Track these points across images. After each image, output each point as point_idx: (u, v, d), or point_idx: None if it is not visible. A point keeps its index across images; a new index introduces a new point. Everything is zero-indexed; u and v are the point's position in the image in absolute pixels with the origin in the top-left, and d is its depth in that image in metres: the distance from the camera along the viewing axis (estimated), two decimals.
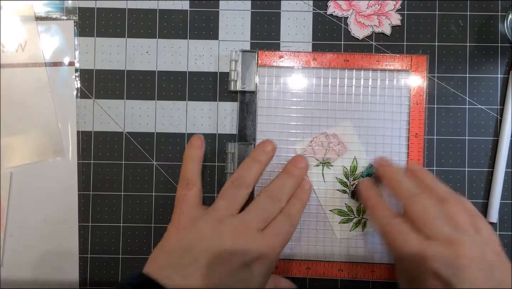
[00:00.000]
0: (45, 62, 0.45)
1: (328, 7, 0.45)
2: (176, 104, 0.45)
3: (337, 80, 0.44)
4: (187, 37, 0.45)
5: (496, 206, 0.43)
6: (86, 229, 0.44)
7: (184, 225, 0.36)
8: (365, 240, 0.44)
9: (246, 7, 0.45)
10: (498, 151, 0.44)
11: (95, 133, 0.45)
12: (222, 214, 0.36)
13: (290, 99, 0.44)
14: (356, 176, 0.44)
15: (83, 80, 0.45)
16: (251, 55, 0.44)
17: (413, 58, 0.44)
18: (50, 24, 0.45)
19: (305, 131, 0.44)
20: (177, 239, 0.35)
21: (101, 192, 0.45)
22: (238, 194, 0.37)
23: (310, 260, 0.44)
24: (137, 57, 0.45)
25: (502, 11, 0.45)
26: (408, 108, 0.44)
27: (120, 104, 0.45)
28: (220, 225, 0.35)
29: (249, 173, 0.38)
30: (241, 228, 0.35)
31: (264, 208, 0.37)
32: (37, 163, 0.45)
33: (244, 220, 0.36)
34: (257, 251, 0.34)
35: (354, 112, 0.44)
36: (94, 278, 0.44)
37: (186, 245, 0.34)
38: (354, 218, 0.44)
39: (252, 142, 0.44)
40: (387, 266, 0.43)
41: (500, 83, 0.44)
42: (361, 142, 0.44)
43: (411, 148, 0.44)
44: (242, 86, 0.44)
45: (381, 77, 0.44)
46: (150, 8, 0.45)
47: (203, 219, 0.36)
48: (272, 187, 0.38)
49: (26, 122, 0.45)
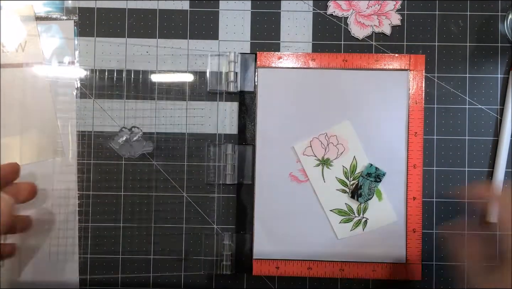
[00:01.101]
0: (45, 62, 0.45)
1: (328, 7, 0.45)
2: (176, 104, 0.45)
3: (336, 80, 0.44)
4: (187, 37, 0.45)
5: (496, 206, 0.43)
6: (86, 229, 0.44)
7: None
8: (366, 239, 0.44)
9: (246, 7, 0.45)
10: (498, 151, 0.44)
11: (95, 133, 0.45)
12: None
13: (289, 100, 0.44)
14: (356, 175, 0.44)
15: (83, 80, 0.45)
16: (250, 56, 0.44)
17: (412, 58, 0.44)
18: (50, 24, 0.45)
19: (305, 131, 0.44)
20: None
21: (101, 192, 0.45)
22: None
23: (311, 260, 0.44)
24: (137, 57, 0.45)
25: (502, 11, 0.45)
26: (407, 108, 0.44)
27: (120, 104, 0.45)
28: None
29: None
30: None
31: None
32: (37, 163, 0.45)
33: None
34: None
35: (353, 112, 0.44)
36: (94, 278, 0.44)
37: None
38: (355, 217, 0.44)
39: (252, 143, 0.44)
40: (387, 265, 0.43)
41: (500, 83, 0.44)
42: (360, 142, 0.44)
43: (411, 147, 0.44)
44: (240, 87, 0.44)
45: (380, 76, 0.44)
46: (150, 8, 0.45)
47: None
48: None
49: (26, 122, 0.45)
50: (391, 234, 0.44)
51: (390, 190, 0.44)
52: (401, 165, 0.44)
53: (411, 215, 0.43)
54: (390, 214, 0.44)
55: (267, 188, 0.44)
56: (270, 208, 0.44)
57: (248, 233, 0.44)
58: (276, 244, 0.44)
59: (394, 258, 0.43)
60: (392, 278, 0.43)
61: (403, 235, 0.43)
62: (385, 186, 0.44)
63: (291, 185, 0.44)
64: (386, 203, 0.44)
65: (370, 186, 0.43)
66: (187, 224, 0.44)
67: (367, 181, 0.43)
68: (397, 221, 0.44)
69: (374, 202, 0.44)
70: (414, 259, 0.43)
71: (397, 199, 0.44)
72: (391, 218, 0.44)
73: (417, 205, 0.43)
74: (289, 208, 0.44)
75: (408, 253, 0.43)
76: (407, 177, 0.44)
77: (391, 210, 0.44)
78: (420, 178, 0.43)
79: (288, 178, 0.44)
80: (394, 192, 0.44)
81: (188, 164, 0.44)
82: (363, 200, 0.44)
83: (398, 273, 0.43)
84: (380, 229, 0.44)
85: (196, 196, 0.44)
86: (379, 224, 0.44)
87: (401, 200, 0.44)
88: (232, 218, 0.44)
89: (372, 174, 0.43)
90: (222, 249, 0.44)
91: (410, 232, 0.43)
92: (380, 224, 0.44)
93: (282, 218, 0.44)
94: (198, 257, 0.44)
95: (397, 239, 0.44)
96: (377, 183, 0.43)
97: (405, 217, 0.44)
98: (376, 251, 0.44)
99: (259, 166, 0.44)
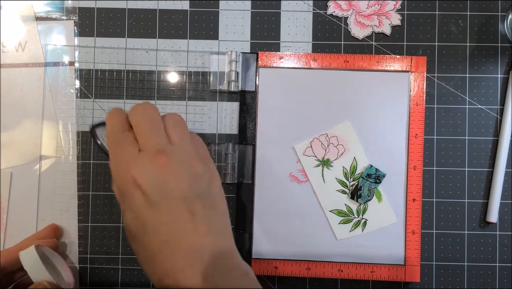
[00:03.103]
0: (45, 62, 0.45)
1: (328, 7, 0.45)
2: (176, 104, 0.45)
3: (338, 81, 0.44)
4: (187, 37, 0.45)
5: (496, 206, 0.43)
6: (86, 229, 0.44)
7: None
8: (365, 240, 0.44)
9: (246, 7, 0.45)
10: (498, 151, 0.44)
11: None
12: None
13: (290, 100, 0.44)
14: (356, 176, 0.44)
15: (83, 80, 0.45)
16: (251, 56, 0.44)
17: (413, 59, 0.44)
18: (50, 24, 0.45)
19: (305, 131, 0.44)
20: None
21: (101, 192, 0.45)
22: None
23: (310, 261, 0.44)
24: (137, 57, 0.45)
25: (502, 11, 0.45)
26: (408, 109, 0.44)
27: (120, 104, 0.45)
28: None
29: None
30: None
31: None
32: (37, 163, 0.45)
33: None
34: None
35: (354, 113, 0.44)
36: (94, 278, 0.44)
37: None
38: (354, 218, 0.44)
39: (253, 143, 0.44)
40: (386, 266, 0.43)
41: (500, 83, 0.44)
42: (361, 143, 0.44)
43: (411, 149, 0.44)
44: (241, 87, 0.44)
45: (381, 78, 0.44)
46: (150, 8, 0.45)
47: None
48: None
49: (26, 122, 0.45)
50: (390, 236, 0.43)
51: (390, 191, 0.44)
52: (401, 166, 0.44)
53: (410, 216, 0.43)
54: (389, 215, 0.44)
55: (267, 188, 0.44)
56: (269, 208, 0.44)
57: (247, 233, 0.44)
58: (275, 244, 0.44)
59: (393, 259, 0.43)
60: (391, 280, 0.43)
61: (402, 237, 0.43)
62: (385, 187, 0.44)
63: (291, 185, 0.44)
64: (386, 204, 0.44)
65: (370, 187, 0.43)
66: None
67: (367, 182, 0.43)
68: (397, 222, 0.44)
69: (373, 203, 0.44)
70: (413, 260, 0.43)
71: (396, 200, 0.44)
72: (390, 219, 0.44)
73: (417, 207, 0.43)
74: (288, 208, 0.44)
75: (407, 254, 0.43)
76: (407, 178, 0.44)
77: (390, 211, 0.44)
78: (420, 179, 0.43)
79: (288, 178, 0.44)
80: (394, 193, 0.44)
81: None
82: (363, 201, 0.43)
83: (397, 274, 0.43)
84: (379, 230, 0.44)
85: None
86: (378, 225, 0.44)
87: (400, 202, 0.44)
88: (231, 218, 0.44)
89: (372, 175, 0.43)
90: None
91: (409, 234, 0.43)
92: (379, 225, 0.44)
93: (282, 218, 0.44)
94: None
95: (396, 241, 0.43)
96: (377, 184, 0.43)
97: (405, 219, 0.43)
98: (375, 252, 0.44)
99: (259, 165, 0.44)
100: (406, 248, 0.43)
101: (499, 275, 0.44)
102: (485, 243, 0.44)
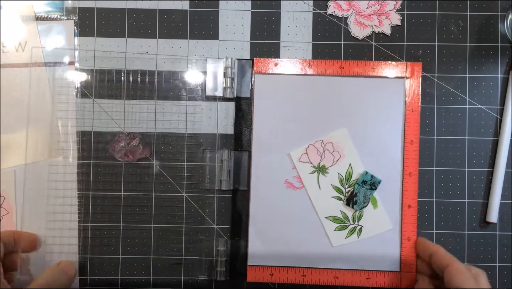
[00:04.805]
0: (45, 62, 0.45)
1: (328, 7, 0.45)
2: (176, 104, 0.45)
3: (333, 87, 0.44)
4: (187, 37, 0.45)
5: (496, 206, 0.43)
6: (86, 229, 0.44)
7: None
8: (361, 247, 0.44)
9: (246, 7, 0.45)
10: (498, 151, 0.44)
11: (95, 133, 0.45)
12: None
13: (286, 106, 0.44)
14: (352, 182, 0.44)
15: (83, 80, 0.45)
16: (246, 62, 0.44)
17: (409, 65, 0.44)
18: (50, 24, 0.45)
19: (301, 138, 0.44)
20: None
21: (101, 192, 0.45)
22: None
23: (305, 267, 0.43)
24: (137, 57, 0.45)
25: (502, 11, 0.45)
26: (404, 115, 0.44)
27: (120, 104, 0.45)
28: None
29: None
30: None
31: None
32: (37, 163, 0.45)
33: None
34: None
35: (349, 119, 0.44)
36: (94, 278, 0.44)
37: None
38: (350, 225, 0.44)
39: (248, 149, 0.44)
40: (382, 273, 0.43)
41: (500, 83, 0.44)
42: (356, 150, 0.44)
43: (407, 155, 0.43)
44: (237, 93, 0.44)
45: (376, 84, 0.44)
46: (150, 8, 0.45)
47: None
48: None
49: (26, 122, 0.45)
50: (385, 242, 0.43)
51: (385, 197, 0.44)
52: (396, 172, 0.43)
53: (406, 223, 0.43)
54: (385, 222, 0.43)
55: (262, 194, 0.44)
56: (265, 214, 0.44)
57: (243, 239, 0.44)
58: (270, 251, 0.44)
59: (389, 266, 0.43)
60: (386, 286, 0.43)
61: (397, 243, 0.43)
62: (381, 194, 0.44)
63: (286, 191, 0.44)
64: (381, 210, 0.44)
65: (366, 194, 0.43)
66: (186, 224, 0.44)
67: (363, 189, 0.43)
68: (392, 229, 0.43)
69: (369, 209, 0.44)
70: (408, 267, 0.43)
71: (392, 206, 0.43)
72: (386, 226, 0.43)
73: (412, 213, 0.43)
74: (284, 214, 0.44)
75: (403, 261, 0.43)
76: (402, 185, 0.43)
77: (386, 218, 0.43)
78: (416, 186, 0.43)
79: (284, 185, 0.44)
80: (389, 200, 0.43)
81: (187, 164, 0.44)
82: (358, 207, 0.43)
83: (392, 281, 0.43)
84: (375, 237, 0.43)
85: (196, 196, 0.44)
86: (374, 231, 0.43)
87: (396, 208, 0.43)
88: (227, 225, 0.44)
89: (368, 182, 0.43)
90: (217, 255, 0.44)
91: (405, 240, 0.43)
92: (375, 231, 0.43)
93: (277, 225, 0.44)
94: (196, 257, 0.44)
95: (392, 247, 0.43)
96: (373, 190, 0.43)
97: (400, 225, 0.43)
98: (370, 259, 0.43)
99: (254, 172, 0.44)
100: (401, 255, 0.43)
101: (499, 275, 0.44)
102: (485, 243, 0.44)
